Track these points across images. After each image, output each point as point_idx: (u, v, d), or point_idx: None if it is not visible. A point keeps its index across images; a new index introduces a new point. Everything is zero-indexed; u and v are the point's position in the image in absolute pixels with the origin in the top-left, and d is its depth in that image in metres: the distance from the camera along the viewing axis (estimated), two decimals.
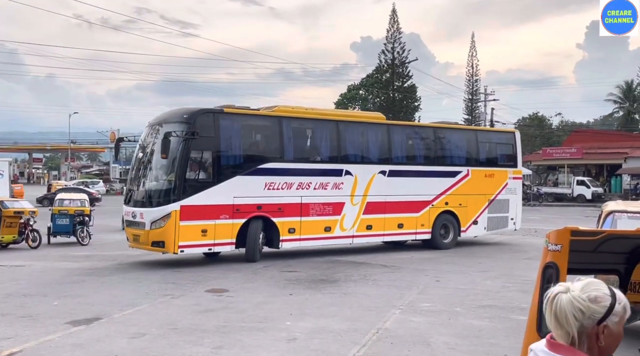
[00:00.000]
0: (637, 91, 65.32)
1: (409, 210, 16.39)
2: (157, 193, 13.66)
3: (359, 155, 16.17)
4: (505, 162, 18.65)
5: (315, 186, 14.93)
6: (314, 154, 15.70)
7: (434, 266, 13.89)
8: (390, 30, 59.94)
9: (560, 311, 1.85)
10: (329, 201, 15.12)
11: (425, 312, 9.06)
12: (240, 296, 10.27)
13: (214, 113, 14.06)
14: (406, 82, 61.23)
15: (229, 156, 14.16)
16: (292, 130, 15.11)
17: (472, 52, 65.04)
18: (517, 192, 18.62)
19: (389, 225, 16.05)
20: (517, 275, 12.52)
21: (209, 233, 13.43)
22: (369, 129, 16.55)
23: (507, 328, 8.10)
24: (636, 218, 7.73)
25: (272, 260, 14.50)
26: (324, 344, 7.29)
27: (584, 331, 1.84)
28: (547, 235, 2.88)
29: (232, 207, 13.70)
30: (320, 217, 15.00)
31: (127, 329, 7.99)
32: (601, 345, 1.85)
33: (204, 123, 13.58)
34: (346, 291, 10.70)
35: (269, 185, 14.26)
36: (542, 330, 2.73)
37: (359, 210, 15.56)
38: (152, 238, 13.22)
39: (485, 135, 19.83)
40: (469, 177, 17.54)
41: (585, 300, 1.84)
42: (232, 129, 14.30)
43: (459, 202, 17.20)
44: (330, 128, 15.65)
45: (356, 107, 67.45)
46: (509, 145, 18.86)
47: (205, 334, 7.73)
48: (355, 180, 15.51)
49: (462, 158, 17.94)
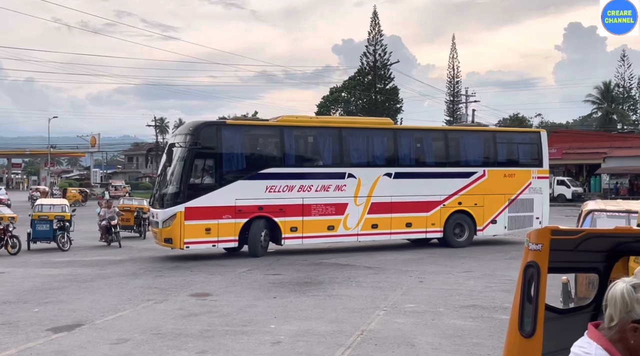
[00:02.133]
0: (615, 92, 66.31)
1: (417, 209, 17.00)
2: (167, 196, 15.34)
3: (362, 159, 17.08)
4: (530, 161, 18.77)
5: (316, 188, 16.05)
6: (315, 159, 17.03)
7: (418, 267, 13.96)
8: (372, 32, 60.23)
9: (612, 294, 2.05)
10: (331, 202, 16.17)
11: (409, 313, 9.09)
12: (224, 300, 10.22)
13: (216, 125, 16.32)
14: (388, 84, 61.52)
15: (231, 162, 15.70)
16: (293, 137, 16.47)
17: (452, 54, 65.58)
18: (543, 191, 18.60)
19: (396, 224, 16.77)
20: (499, 275, 12.63)
21: (213, 231, 15.00)
22: (372, 134, 17.43)
23: (490, 327, 8.17)
24: (614, 217, 7.85)
25: (267, 260, 14.47)
26: (308, 347, 7.29)
27: (621, 323, 2.01)
28: (528, 235, 2.91)
29: (234, 208, 15.17)
30: (323, 216, 16.06)
31: (110, 335, 7.91)
32: (630, 343, 2.00)
33: (207, 135, 15.37)
34: (330, 294, 10.70)
35: (270, 188, 15.60)
36: (524, 328, 2.75)
37: (364, 210, 16.46)
38: (164, 236, 15.01)
39: (505, 136, 20.07)
40: (485, 178, 17.88)
41: (632, 295, 2.01)
42: (233, 139, 15.88)
43: (474, 202, 17.59)
44: (332, 134, 16.78)
45: (339, 109, 67.59)
46: (534, 145, 18.94)
47: (189, 339, 7.68)
48: (359, 182, 16.46)
49: (478, 159, 18.28)
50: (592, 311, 3.21)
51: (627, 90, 71.91)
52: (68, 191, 45.96)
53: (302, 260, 15.01)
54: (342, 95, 67.18)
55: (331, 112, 67.48)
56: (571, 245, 2.87)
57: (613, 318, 2.04)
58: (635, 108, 74.27)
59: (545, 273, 2.73)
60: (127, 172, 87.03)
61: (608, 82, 64.56)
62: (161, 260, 15.43)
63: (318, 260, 15.05)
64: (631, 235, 3.00)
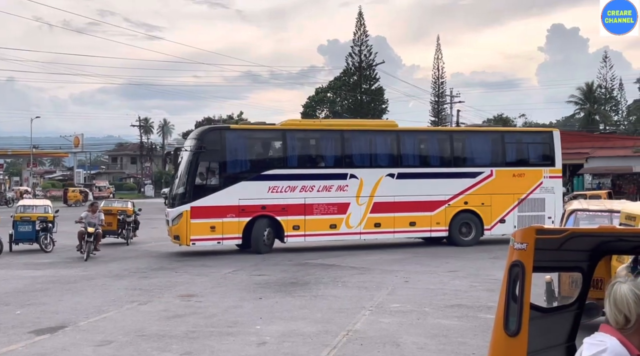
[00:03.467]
0: (597, 93, 67.12)
1: (421, 209, 17.37)
2: (176, 197, 16.57)
3: (364, 160, 17.68)
4: (541, 161, 18.88)
5: (318, 188, 16.73)
6: (317, 161, 17.71)
7: (403, 267, 14.00)
8: (357, 33, 60.41)
9: (619, 295, 2.08)
10: (333, 202, 16.80)
11: (394, 313, 9.11)
12: (209, 301, 10.17)
13: (220, 129, 17.77)
14: (373, 84, 61.71)
15: (234, 165, 16.77)
16: (295, 140, 17.29)
17: (437, 55, 66.00)
18: (556, 190, 18.61)
19: (399, 223, 17.22)
20: (483, 275, 12.71)
21: (217, 229, 15.90)
22: (374, 136, 18.05)
23: (475, 327, 8.21)
24: (597, 217, 7.94)
25: (267, 257, 14.43)
26: (294, 347, 7.27)
27: (638, 320, 2.05)
28: (513, 234, 2.92)
29: (238, 207, 16.02)
30: (325, 215, 16.73)
31: (93, 337, 7.83)
32: None
33: (211, 139, 16.51)
34: (316, 294, 10.69)
35: (273, 189, 16.39)
36: (509, 327, 2.76)
37: (366, 210, 17.00)
38: (173, 233, 16.15)
39: (514, 136, 20.32)
40: (493, 177, 18.06)
41: None
42: (237, 142, 16.94)
43: (482, 202, 17.80)
44: (334, 137, 17.52)
45: (324, 110, 67.59)
46: (545, 145, 19.02)
47: (173, 340, 7.63)
48: (361, 183, 17.02)
49: (485, 160, 18.48)
50: (576, 309, 3.24)
51: (609, 91, 72.86)
52: (69, 191, 47.37)
53: (287, 261, 14.99)
54: (328, 96, 67.22)
55: (317, 112, 67.52)
56: (555, 245, 2.89)
57: (629, 318, 2.07)
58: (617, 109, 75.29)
59: (530, 272, 2.75)
60: (111, 173, 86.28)
61: (590, 83, 65.36)
62: (146, 262, 15.32)
63: (304, 261, 15.04)
64: (614, 234, 3.02)
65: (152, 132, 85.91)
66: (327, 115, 66.45)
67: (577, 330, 3.19)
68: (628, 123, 75.82)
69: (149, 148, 76.00)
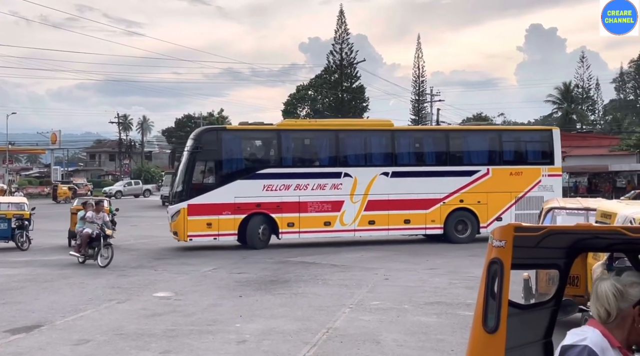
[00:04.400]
0: (575, 92, 68.04)
1: (416, 207, 17.64)
2: (174, 194, 17.44)
3: (358, 159, 18.09)
4: (540, 159, 19.00)
5: (312, 187, 17.19)
6: (312, 160, 18.20)
7: (384, 264, 14.05)
8: (339, 31, 60.44)
9: (601, 291, 2.17)
10: (327, 200, 17.24)
11: (374, 310, 9.14)
12: (188, 299, 10.10)
13: (216, 130, 18.57)
14: (354, 82, 61.79)
15: (230, 164, 17.38)
16: (290, 140, 17.79)
17: (418, 54, 66.37)
18: (555, 188, 18.65)
19: (393, 221, 17.57)
20: (463, 272, 12.81)
21: (214, 226, 16.48)
22: (368, 136, 18.32)
23: (454, 323, 8.27)
24: (574, 215, 8.05)
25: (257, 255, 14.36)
26: (274, 345, 7.26)
27: (621, 313, 2.13)
28: (491, 232, 2.94)
29: (234, 205, 16.55)
30: (319, 213, 17.17)
31: (70, 336, 7.73)
32: (637, 326, 2.13)
33: (208, 139, 17.25)
34: (296, 292, 10.69)
35: (267, 187, 16.89)
36: (488, 324, 2.79)
37: (360, 207, 17.39)
38: (172, 229, 16.83)
39: (512, 134, 20.47)
40: (489, 176, 18.26)
41: (623, 284, 2.14)
42: (232, 142, 17.55)
43: (477, 200, 18.00)
44: (328, 137, 17.92)
45: (305, 108, 67.55)
46: (544, 143, 19.18)
47: (152, 339, 7.57)
48: (355, 181, 17.40)
49: (481, 158, 18.71)
50: (553, 306, 3.27)
51: (585, 90, 73.98)
52: (59, 188, 48.96)
53: (268, 259, 14.96)
54: (309, 94, 67.22)
55: (298, 110, 67.45)
56: (533, 242, 2.91)
57: (610, 312, 2.15)
58: (593, 109, 76.45)
59: (508, 269, 2.77)
60: (89, 170, 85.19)
61: (568, 83, 66.24)
62: (124, 260, 15.16)
63: (285, 259, 15.02)
64: (590, 231, 3.06)
65: (131, 128, 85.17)
66: (308, 113, 66.45)
67: (553, 327, 3.23)
68: (604, 122, 77.08)
69: (127, 145, 75.23)
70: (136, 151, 77.00)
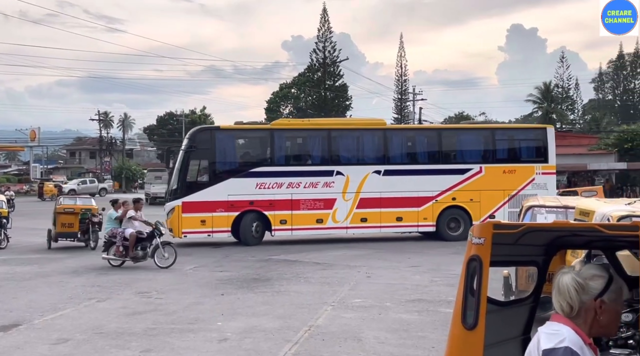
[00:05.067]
0: (555, 92, 68.77)
1: (408, 205, 17.89)
2: (170, 192, 18.01)
3: (351, 158, 18.38)
4: (533, 157, 19.08)
5: (305, 185, 17.49)
6: (304, 158, 18.54)
7: (366, 262, 14.09)
8: (322, 29, 60.38)
9: (562, 285, 2.19)
10: (319, 197, 17.54)
11: (356, 308, 9.17)
12: (169, 298, 10.03)
13: (210, 130, 18.98)
14: (337, 81, 61.80)
15: (224, 163, 17.76)
16: (283, 139, 18.18)
17: (400, 53, 66.60)
18: (549, 187, 18.66)
19: (386, 218, 17.84)
20: (444, 270, 12.89)
21: (207, 223, 16.92)
22: (361, 134, 18.60)
23: (435, 321, 8.33)
24: (553, 212, 8.14)
25: (237, 252, 14.28)
26: (255, 343, 7.24)
27: (584, 306, 2.15)
28: (471, 229, 2.96)
29: (227, 202, 16.95)
30: (312, 210, 17.49)
31: (49, 335, 7.64)
32: (600, 320, 2.15)
33: (202, 138, 17.71)
34: (278, 290, 10.67)
35: (260, 185, 17.27)
36: (467, 321, 2.81)
37: (352, 205, 17.70)
38: (168, 226, 16.80)
39: (505, 132, 20.58)
40: (482, 174, 18.42)
41: (584, 277, 2.17)
42: (226, 141, 17.91)
43: (470, 198, 18.18)
44: (321, 136, 18.22)
45: (288, 106, 67.42)
46: (538, 141, 19.25)
47: (132, 337, 7.50)
48: (347, 179, 17.70)
49: (474, 156, 18.89)
50: (531, 303, 3.31)
51: (565, 90, 74.83)
52: (45, 185, 49.62)
53: (250, 257, 14.92)
54: (292, 92, 67.09)
55: (281, 108, 67.31)
56: (512, 239, 2.94)
57: (573, 306, 2.17)
58: (573, 108, 77.36)
59: (487, 266, 2.79)
60: (69, 167, 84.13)
61: (548, 83, 66.89)
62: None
63: (267, 257, 14.98)
64: (568, 229, 3.10)
65: (112, 126, 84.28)
66: (291, 111, 66.38)
67: (532, 323, 3.26)
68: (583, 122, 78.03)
69: (108, 143, 74.41)
70: (117, 149, 76.19)
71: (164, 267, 12.84)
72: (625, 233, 2.59)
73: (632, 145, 41.64)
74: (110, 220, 13.65)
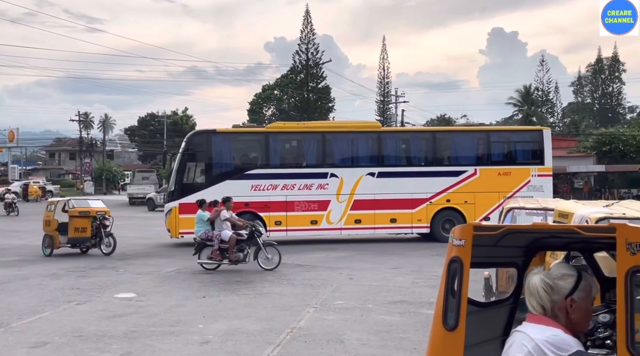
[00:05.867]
0: (535, 95, 69.54)
1: (402, 206, 18.15)
2: (168, 194, 18.62)
3: (345, 160, 18.73)
4: (529, 159, 19.15)
5: (299, 187, 17.88)
6: (299, 161, 18.92)
7: (349, 264, 14.12)
8: (304, 31, 60.40)
9: (532, 286, 2.24)
10: (313, 199, 17.90)
11: (338, 310, 9.18)
12: (151, 300, 9.96)
13: (207, 133, 18.82)
14: (320, 83, 61.85)
15: (219, 165, 18.26)
16: (277, 142, 18.59)
17: (383, 55, 67.00)
18: (545, 188, 18.72)
19: (380, 220, 18.14)
20: (426, 271, 12.96)
21: None
22: (355, 137, 18.87)
23: (417, 322, 8.37)
24: (533, 215, 8.23)
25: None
26: (237, 345, 7.22)
27: (555, 306, 2.20)
28: (452, 231, 2.99)
29: None
30: (306, 212, 17.87)
31: (28, 338, 7.53)
32: (572, 318, 2.19)
33: (198, 142, 18.18)
34: (261, 292, 10.65)
35: (255, 187, 17.72)
36: (448, 322, 2.83)
37: (346, 207, 18.04)
38: (166, 227, 17.90)
39: (500, 134, 20.70)
40: (477, 176, 18.57)
41: (553, 278, 2.22)
42: (222, 144, 18.34)
43: (465, 200, 18.36)
44: (315, 138, 18.58)
45: (271, 107, 67.28)
46: (534, 143, 19.33)
47: (113, 340, 7.43)
48: (341, 182, 18.07)
49: (469, 158, 19.03)
50: (511, 304, 3.34)
51: (545, 93, 75.81)
52: (30, 186, 49.49)
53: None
54: (275, 93, 66.99)
55: (263, 109, 67.16)
56: (492, 241, 2.97)
57: (544, 306, 2.21)
58: (552, 111, 78.31)
59: (468, 267, 2.82)
60: (49, 169, 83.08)
61: (528, 86, 67.61)
62: (85, 260, 14.86)
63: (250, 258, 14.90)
64: (547, 231, 3.14)
65: (93, 127, 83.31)
66: (274, 112, 66.26)
67: (512, 324, 3.30)
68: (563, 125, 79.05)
69: (88, 144, 73.57)
70: (97, 150, 75.39)
71: (269, 268, 12.53)
72: (603, 235, 2.63)
73: (610, 148, 42.28)
74: (202, 221, 13.02)
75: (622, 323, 2.35)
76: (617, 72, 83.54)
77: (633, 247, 2.38)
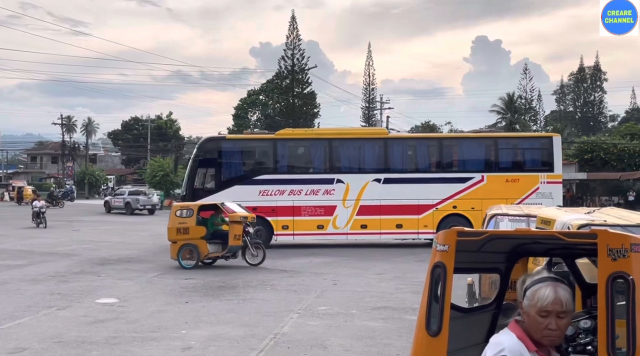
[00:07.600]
0: (518, 103, 70.22)
1: (408, 212, 18.37)
2: (181, 198, 18.96)
3: (352, 167, 19.02)
4: (538, 166, 19.05)
5: (306, 192, 18.29)
6: (306, 167, 19.33)
7: (333, 270, 14.10)
8: (290, 37, 60.40)
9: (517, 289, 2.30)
10: (320, 204, 18.29)
11: (322, 315, 9.15)
12: (132, 305, 9.85)
13: (216, 139, 19.67)
14: (306, 88, 61.86)
15: (229, 171, 18.86)
16: (286, 148, 19.15)
17: (368, 62, 67.11)
18: (554, 195, 18.58)
19: (385, 225, 18.41)
20: (410, 277, 12.98)
21: None
22: (361, 144, 19.18)
23: (400, 328, 8.37)
24: (515, 221, 8.29)
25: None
26: (220, 351, 7.16)
27: (523, 310, 2.23)
28: (436, 237, 2.99)
29: None
30: (313, 217, 18.30)
31: (6, 344, 7.41)
32: (525, 323, 2.19)
33: (208, 148, 18.92)
34: (244, 298, 10.59)
35: (263, 192, 18.22)
36: (431, 327, 2.83)
37: (352, 212, 18.38)
38: None
39: (509, 141, 20.63)
40: (484, 182, 18.59)
41: (521, 282, 2.26)
42: (231, 151, 19.16)
43: (472, 206, 18.25)
44: (322, 145, 19.02)
45: (256, 112, 67.20)
46: (543, 150, 19.27)
47: (93, 346, 7.33)
48: (347, 187, 18.40)
49: (476, 165, 19.08)
50: (494, 309, 3.35)
51: (528, 101, 76.58)
52: (24, 190, 50.15)
53: (216, 264, 14.74)
54: (260, 98, 66.94)
55: (249, 114, 67.06)
56: (475, 247, 2.98)
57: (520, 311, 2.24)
58: (535, 119, 79.13)
59: (451, 273, 2.82)
60: (30, 172, 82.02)
61: (512, 94, 68.28)
62: (66, 265, 14.67)
63: (233, 264, 14.84)
64: (530, 236, 3.15)
65: (76, 130, 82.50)
66: (259, 118, 66.19)
67: (494, 330, 3.30)
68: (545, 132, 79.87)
69: (71, 148, 72.82)
70: (80, 154, 74.65)
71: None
72: (584, 241, 2.64)
73: (592, 156, 42.79)
74: None
75: (603, 329, 2.36)
76: (598, 81, 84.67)
77: (614, 252, 2.40)
